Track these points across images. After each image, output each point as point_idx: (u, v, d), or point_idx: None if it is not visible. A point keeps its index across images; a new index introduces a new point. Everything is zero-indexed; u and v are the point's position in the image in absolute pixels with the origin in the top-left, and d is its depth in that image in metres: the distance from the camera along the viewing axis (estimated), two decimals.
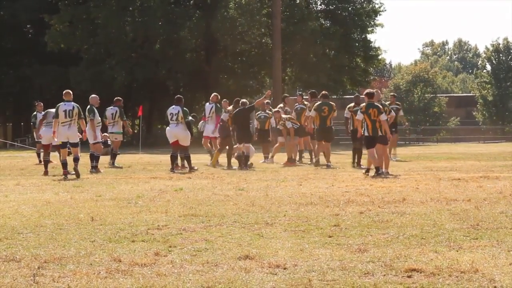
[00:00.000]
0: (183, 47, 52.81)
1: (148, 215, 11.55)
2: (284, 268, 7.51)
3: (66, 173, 19.78)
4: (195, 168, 22.18)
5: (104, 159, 24.59)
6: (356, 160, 23.03)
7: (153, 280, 7.07)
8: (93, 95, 23.72)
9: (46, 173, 20.99)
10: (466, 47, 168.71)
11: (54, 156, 24.50)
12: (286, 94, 30.69)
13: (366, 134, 19.71)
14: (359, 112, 19.99)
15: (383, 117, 19.63)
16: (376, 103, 19.97)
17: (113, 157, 24.90)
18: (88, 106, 22.98)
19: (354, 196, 13.96)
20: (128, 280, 7.10)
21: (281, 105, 27.60)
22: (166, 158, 24.22)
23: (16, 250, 8.66)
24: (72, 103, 20.20)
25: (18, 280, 7.13)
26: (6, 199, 14.39)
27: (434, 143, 59.46)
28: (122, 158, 30.83)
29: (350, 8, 56.28)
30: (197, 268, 7.56)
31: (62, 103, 20.17)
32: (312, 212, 11.69)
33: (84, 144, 25.69)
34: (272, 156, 26.06)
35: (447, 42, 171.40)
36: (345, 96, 56.25)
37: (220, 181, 18.16)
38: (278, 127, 25.70)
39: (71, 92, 20.58)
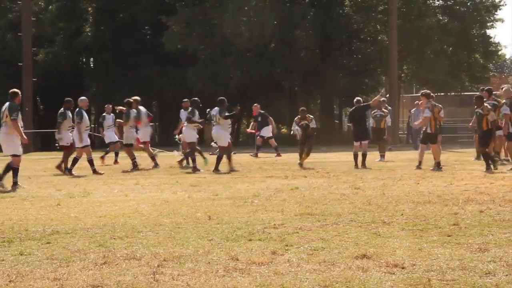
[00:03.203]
0: (298, 46, 52.83)
1: (264, 214, 11.59)
2: (402, 268, 7.42)
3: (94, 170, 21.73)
4: (221, 170, 21.75)
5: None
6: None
7: (270, 279, 7.08)
8: (82, 97, 23.15)
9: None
10: None
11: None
12: (490, 87, 26.50)
13: (429, 131, 21.24)
14: (427, 110, 21.28)
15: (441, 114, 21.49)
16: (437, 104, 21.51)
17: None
18: (77, 109, 22.59)
19: (474, 195, 13.69)
20: (246, 278, 7.14)
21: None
22: (282, 157, 24.30)
23: (136, 248, 8.82)
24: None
25: (139, 278, 7.26)
26: (126, 198, 14.69)
27: None
28: (238, 158, 31.08)
29: (468, 3, 55.09)
30: (314, 267, 7.54)
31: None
32: (430, 211, 11.52)
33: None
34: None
35: None
36: (464, 93, 55.13)
37: (336, 180, 18.08)
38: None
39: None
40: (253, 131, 33.96)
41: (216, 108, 22.99)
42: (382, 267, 7.46)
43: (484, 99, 22.56)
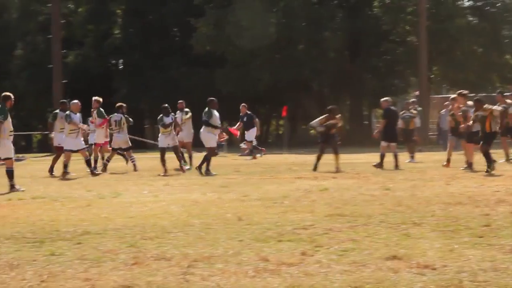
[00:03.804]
0: (326, 47, 52.73)
1: (294, 215, 11.57)
2: (433, 269, 7.38)
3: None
4: (213, 173, 21.47)
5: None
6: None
7: (300, 280, 7.06)
8: (74, 101, 22.93)
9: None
10: None
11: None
12: None
13: (475, 130, 20.72)
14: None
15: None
16: None
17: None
18: (66, 112, 22.65)
19: (505, 196, 13.59)
20: (276, 279, 7.13)
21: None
22: (311, 158, 24.19)
23: (166, 249, 8.84)
24: None
25: (169, 278, 7.27)
26: (156, 199, 14.73)
27: None
28: (267, 159, 31.07)
29: (499, 4, 54.73)
30: (345, 268, 7.52)
31: None
32: (461, 212, 11.44)
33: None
34: None
35: None
36: (493, 94, 54.76)
37: (365, 180, 18.02)
38: None
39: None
40: (235, 130, 33.38)
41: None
42: (413, 268, 7.42)
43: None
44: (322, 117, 22.75)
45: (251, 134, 31.73)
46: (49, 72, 51.37)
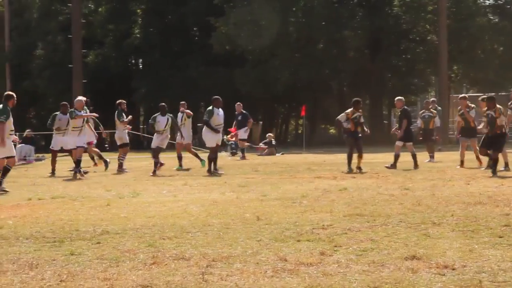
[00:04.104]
0: (346, 46, 52.66)
1: (313, 215, 11.56)
2: (453, 269, 7.34)
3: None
4: (220, 172, 21.56)
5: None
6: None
7: (319, 280, 7.05)
8: (78, 98, 22.89)
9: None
10: None
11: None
12: None
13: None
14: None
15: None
16: None
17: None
18: (70, 110, 22.65)
19: None
20: (295, 279, 7.12)
21: None
22: (330, 158, 24.19)
23: (185, 248, 8.84)
24: None
25: (188, 278, 7.27)
26: (175, 198, 14.75)
27: None
28: (286, 158, 31.05)
29: None
30: (363, 268, 7.49)
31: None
32: (481, 212, 11.39)
33: None
34: None
35: None
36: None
37: (384, 180, 17.97)
38: None
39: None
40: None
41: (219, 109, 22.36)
42: (432, 268, 7.39)
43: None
44: (347, 111, 22.47)
45: (243, 133, 31.48)
46: (69, 71, 51.57)
